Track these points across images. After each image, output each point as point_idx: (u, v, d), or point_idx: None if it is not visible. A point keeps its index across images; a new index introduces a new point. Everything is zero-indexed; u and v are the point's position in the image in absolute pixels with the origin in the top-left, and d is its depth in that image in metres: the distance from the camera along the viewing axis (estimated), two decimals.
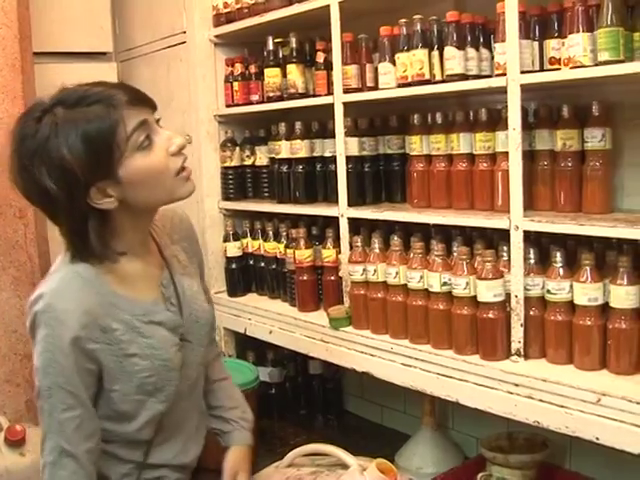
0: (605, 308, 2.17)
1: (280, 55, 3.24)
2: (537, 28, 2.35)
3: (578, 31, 2.13)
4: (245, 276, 3.51)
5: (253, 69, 3.39)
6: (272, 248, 3.30)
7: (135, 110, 1.62)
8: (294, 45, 3.14)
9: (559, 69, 2.24)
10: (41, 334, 1.62)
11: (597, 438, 2.03)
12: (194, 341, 1.90)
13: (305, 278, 3.05)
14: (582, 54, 2.12)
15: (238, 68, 3.44)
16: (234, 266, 3.49)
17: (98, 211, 1.64)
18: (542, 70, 2.31)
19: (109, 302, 1.69)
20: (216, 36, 3.54)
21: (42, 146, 1.57)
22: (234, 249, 3.47)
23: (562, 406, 2.11)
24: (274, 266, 3.31)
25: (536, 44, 2.33)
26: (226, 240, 3.48)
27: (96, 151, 1.57)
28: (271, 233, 3.32)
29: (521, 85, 2.20)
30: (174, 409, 1.85)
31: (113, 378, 1.70)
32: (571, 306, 2.22)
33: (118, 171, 1.60)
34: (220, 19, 3.48)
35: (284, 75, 3.17)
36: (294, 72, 3.10)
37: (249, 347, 3.60)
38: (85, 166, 1.56)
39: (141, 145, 1.62)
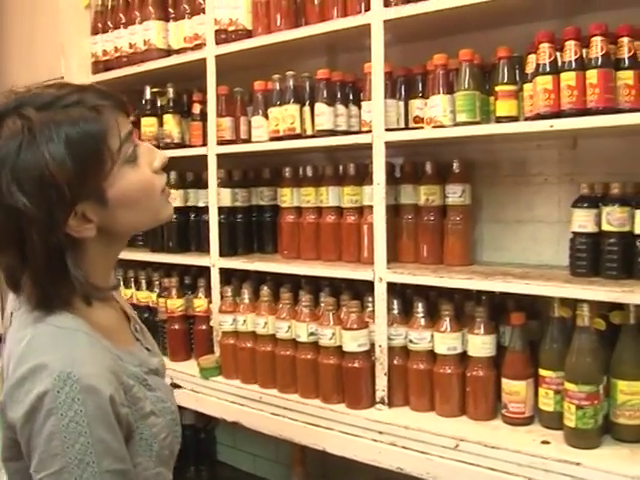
0: (464, 357, 2.26)
1: (157, 105, 3.26)
2: (403, 88, 2.47)
3: (439, 93, 2.25)
4: None
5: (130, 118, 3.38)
6: (145, 297, 3.27)
7: (123, 117, 1.32)
8: (171, 95, 3.18)
9: (422, 128, 2.35)
10: (65, 418, 1.17)
11: None
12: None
13: (177, 327, 3.04)
14: (442, 114, 2.24)
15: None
16: None
17: (73, 241, 1.27)
18: (407, 128, 2.43)
19: (116, 355, 1.32)
20: (94, 83, 3.52)
21: (11, 155, 1.20)
22: None
23: (423, 452, 2.17)
24: (146, 315, 3.27)
25: (402, 103, 2.45)
26: None
27: (84, 160, 1.22)
28: (144, 282, 3.30)
29: (385, 142, 2.30)
30: None
31: (133, 450, 1.30)
32: (432, 355, 2.30)
33: (105, 188, 1.27)
34: (99, 66, 3.48)
35: (160, 125, 3.19)
36: (170, 122, 3.13)
37: None
38: (72, 178, 1.20)
39: (129, 158, 1.30)
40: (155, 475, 1.35)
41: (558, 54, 2.01)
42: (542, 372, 2.10)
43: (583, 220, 2.10)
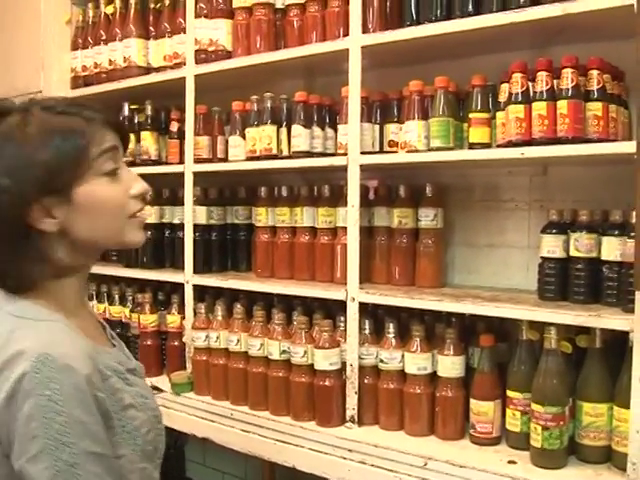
0: (434, 377, 2.30)
1: (135, 121, 3.28)
2: (379, 112, 2.52)
3: (414, 118, 2.30)
4: None
5: None
6: (117, 312, 3.27)
7: (109, 132, 1.41)
8: (149, 112, 3.20)
9: (397, 152, 2.40)
10: (43, 397, 1.20)
11: None
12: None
13: (149, 343, 3.05)
14: (417, 139, 2.29)
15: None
16: None
17: (36, 232, 1.34)
18: (382, 152, 2.47)
19: (92, 346, 1.36)
20: (73, 97, 3.54)
21: (10, 135, 1.33)
22: None
23: (392, 470, 2.20)
24: (119, 330, 3.26)
25: (377, 127, 2.50)
26: None
27: (63, 155, 1.33)
28: (117, 297, 3.30)
29: (360, 165, 2.34)
30: None
31: (117, 442, 1.33)
32: (402, 375, 2.33)
33: (74, 188, 1.34)
34: (78, 82, 3.49)
35: (138, 141, 3.21)
36: (148, 139, 3.15)
37: None
38: (48, 168, 1.31)
39: (106, 172, 1.37)
40: (141, 470, 1.38)
41: (530, 84, 2.07)
42: (510, 393, 2.14)
43: (552, 246, 2.15)
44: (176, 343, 2.97)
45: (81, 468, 1.20)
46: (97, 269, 3.38)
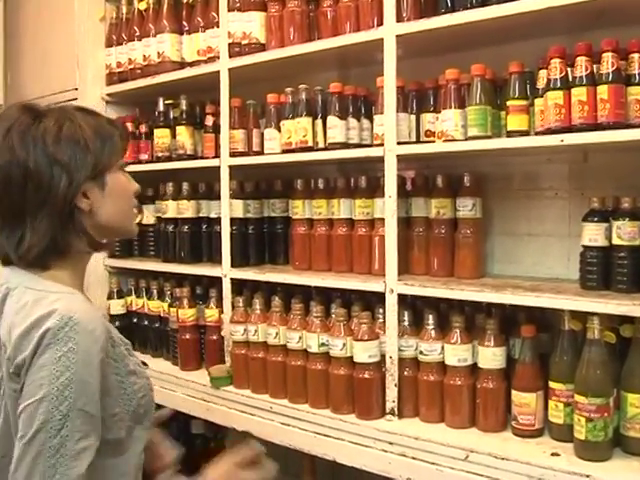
0: (474, 368, 2.28)
1: (170, 116, 3.29)
2: (415, 102, 2.50)
3: (450, 107, 2.28)
4: (128, 334, 3.40)
5: (143, 129, 3.43)
6: (156, 307, 3.30)
7: (122, 142, 1.68)
8: (184, 107, 3.21)
9: (433, 141, 2.38)
10: (58, 352, 1.37)
11: None
12: None
13: (188, 337, 3.06)
14: (454, 129, 2.26)
15: (129, 127, 3.47)
16: (117, 324, 3.44)
17: (78, 210, 1.55)
18: (418, 142, 2.45)
19: (105, 317, 1.62)
20: (108, 94, 3.58)
21: (60, 127, 1.53)
22: (118, 307, 3.45)
23: (433, 463, 2.19)
24: (157, 324, 3.31)
25: (413, 117, 2.47)
26: (110, 297, 3.46)
27: (108, 148, 1.58)
28: (155, 292, 3.33)
29: (397, 155, 2.32)
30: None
31: (115, 401, 1.51)
32: (442, 367, 2.31)
33: (106, 176, 1.58)
34: (113, 78, 3.52)
35: (173, 136, 3.23)
36: (183, 133, 3.16)
37: None
38: (98, 153, 1.55)
39: (122, 165, 1.65)
40: (128, 428, 1.55)
41: (569, 69, 2.03)
42: (552, 384, 2.11)
43: (594, 234, 2.12)
44: (214, 337, 2.98)
45: (71, 421, 1.37)
46: (135, 264, 3.41)
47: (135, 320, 3.46)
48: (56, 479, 1.35)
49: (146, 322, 3.38)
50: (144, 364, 1.79)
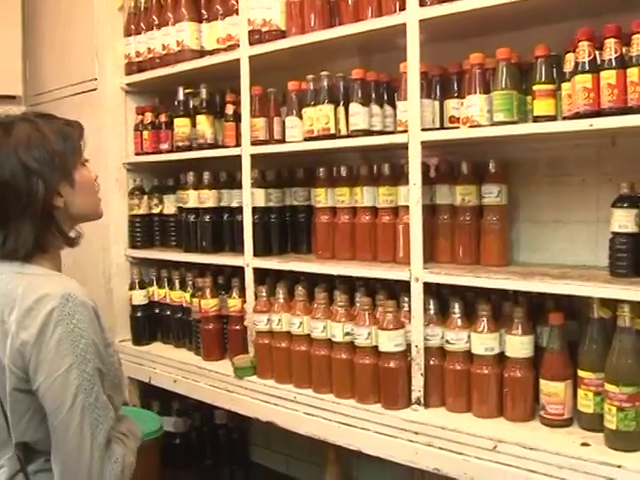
0: (501, 357, 2.25)
1: (190, 105, 3.27)
2: (438, 88, 2.47)
3: (475, 92, 2.24)
4: (150, 324, 3.48)
5: (163, 118, 3.42)
6: (178, 297, 3.29)
7: (81, 140, 1.82)
8: (204, 96, 3.19)
9: (458, 127, 2.34)
10: (70, 325, 1.58)
11: None
12: None
13: (210, 327, 3.05)
14: (479, 114, 2.23)
15: (148, 117, 3.46)
16: (139, 314, 3.46)
17: (55, 209, 1.72)
18: (442, 128, 2.42)
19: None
20: (127, 84, 3.56)
21: (30, 138, 1.68)
22: (140, 297, 3.44)
23: (461, 453, 2.16)
24: (180, 315, 3.30)
25: (437, 103, 2.44)
26: (132, 288, 3.45)
27: (71, 149, 1.74)
28: (177, 282, 3.32)
29: (421, 142, 2.29)
30: None
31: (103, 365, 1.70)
32: (469, 355, 2.29)
33: (74, 172, 1.74)
34: (132, 68, 3.50)
35: (194, 125, 3.21)
36: (204, 123, 3.14)
37: (153, 396, 3.55)
38: (64, 155, 1.71)
39: (83, 161, 1.80)
40: (108, 396, 1.68)
41: (597, 53, 1.99)
42: (581, 373, 2.08)
43: (623, 220, 2.08)
44: (237, 327, 2.97)
45: (95, 379, 1.60)
46: (157, 254, 3.41)
47: (157, 310, 3.46)
48: (100, 429, 1.58)
49: (168, 312, 3.37)
50: None
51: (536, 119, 2.15)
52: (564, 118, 2.10)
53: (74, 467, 1.56)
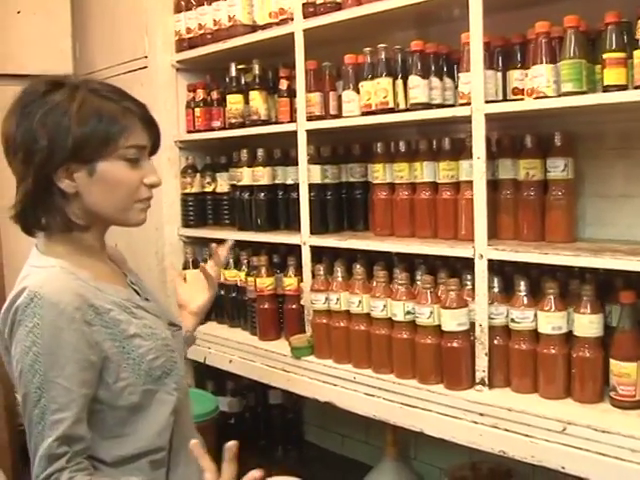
0: (569, 337, 2.18)
1: (243, 81, 3.23)
2: (500, 59, 2.38)
3: (542, 62, 2.15)
4: None
5: (215, 95, 3.38)
6: (232, 276, 3.26)
7: (143, 131, 1.67)
8: (257, 72, 3.13)
9: (522, 99, 2.26)
10: (26, 328, 1.50)
11: (563, 467, 2.03)
12: (178, 338, 1.89)
13: (266, 306, 3.02)
14: (546, 85, 2.14)
15: (200, 94, 3.42)
16: None
17: (56, 189, 1.61)
18: (505, 100, 2.33)
19: (94, 287, 1.62)
20: (178, 61, 3.52)
21: (57, 106, 1.57)
22: None
23: (527, 435, 2.11)
24: (234, 294, 3.27)
25: (499, 74, 2.36)
26: (185, 267, 3.43)
27: (95, 132, 1.58)
28: (232, 261, 3.28)
29: (485, 114, 2.22)
30: (180, 420, 1.75)
31: (118, 367, 1.60)
32: (535, 335, 2.22)
33: (97, 163, 1.60)
34: (183, 44, 3.47)
35: (246, 102, 3.16)
36: (257, 99, 3.09)
37: (208, 376, 3.56)
38: (78, 142, 1.56)
39: (128, 159, 1.63)
40: (143, 392, 1.63)
41: None
42: None
43: None
44: (294, 306, 2.93)
45: (46, 392, 1.48)
46: (210, 233, 3.38)
47: None
48: (43, 445, 1.47)
49: (222, 292, 3.33)
50: (173, 325, 1.87)
51: (606, 89, 2.06)
52: (636, 87, 2.00)
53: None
